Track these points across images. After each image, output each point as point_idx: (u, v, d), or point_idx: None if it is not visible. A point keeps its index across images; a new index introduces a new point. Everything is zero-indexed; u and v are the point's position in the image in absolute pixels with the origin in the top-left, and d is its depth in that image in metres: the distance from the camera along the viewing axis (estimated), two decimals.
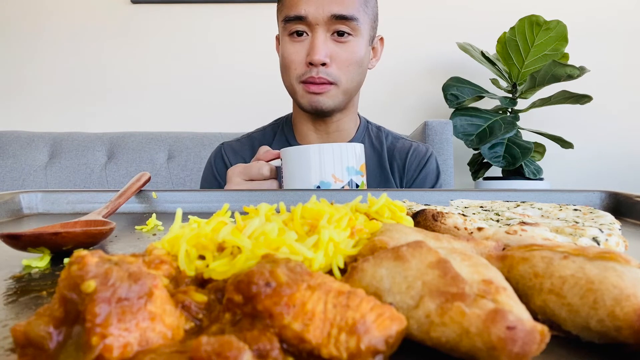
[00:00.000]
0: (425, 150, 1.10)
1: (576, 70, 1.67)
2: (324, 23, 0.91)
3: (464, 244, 0.30)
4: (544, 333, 0.18)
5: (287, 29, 0.94)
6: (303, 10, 0.90)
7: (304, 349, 0.19)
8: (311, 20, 0.90)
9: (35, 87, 2.10)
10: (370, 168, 1.06)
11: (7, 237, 0.36)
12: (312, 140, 1.08)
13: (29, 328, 0.19)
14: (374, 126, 1.15)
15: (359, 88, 1.03)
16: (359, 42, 0.95)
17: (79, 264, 0.20)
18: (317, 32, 0.91)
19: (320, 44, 0.91)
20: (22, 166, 1.62)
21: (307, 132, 1.07)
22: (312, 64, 0.92)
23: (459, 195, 0.70)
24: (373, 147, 1.09)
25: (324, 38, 0.92)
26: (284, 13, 0.94)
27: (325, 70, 0.93)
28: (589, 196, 0.67)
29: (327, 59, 0.92)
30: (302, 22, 0.91)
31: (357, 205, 0.38)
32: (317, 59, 0.90)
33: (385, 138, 1.12)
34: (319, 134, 1.07)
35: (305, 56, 0.93)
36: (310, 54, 0.91)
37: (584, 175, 2.10)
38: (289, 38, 0.95)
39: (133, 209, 0.67)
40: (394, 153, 1.09)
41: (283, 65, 0.98)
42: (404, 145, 1.10)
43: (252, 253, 0.26)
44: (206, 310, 0.22)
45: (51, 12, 2.09)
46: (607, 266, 0.23)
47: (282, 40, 0.97)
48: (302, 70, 0.94)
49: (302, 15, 0.90)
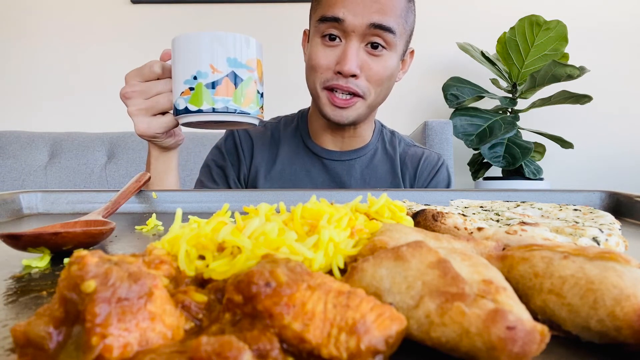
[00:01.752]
0: (437, 159, 1.08)
1: (576, 70, 1.67)
2: (361, 31, 0.86)
3: (464, 244, 0.30)
4: (544, 333, 0.18)
5: (320, 30, 0.89)
6: (342, 13, 0.85)
7: (304, 349, 0.19)
8: (348, 26, 0.85)
9: (35, 87, 2.10)
10: (383, 174, 1.04)
11: (7, 237, 0.36)
12: (326, 140, 1.04)
13: (29, 328, 0.19)
14: (388, 131, 1.12)
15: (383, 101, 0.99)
16: (392, 56, 0.90)
17: (79, 264, 0.20)
18: (351, 41, 0.86)
19: (353, 53, 0.86)
20: (22, 166, 1.62)
21: (322, 133, 1.04)
22: (341, 74, 0.87)
23: (459, 195, 0.70)
24: (386, 152, 1.07)
25: (357, 48, 0.87)
26: (320, 12, 0.89)
27: (355, 82, 0.88)
28: (589, 196, 0.67)
29: (358, 71, 0.87)
30: (338, 25, 0.86)
31: (357, 205, 0.38)
32: (348, 69, 0.85)
33: (398, 144, 1.09)
34: (334, 137, 1.03)
35: (335, 63, 0.88)
36: (340, 63, 0.86)
37: (584, 175, 2.10)
38: (321, 40, 0.89)
39: (133, 209, 0.67)
40: (406, 160, 1.07)
41: (309, 67, 0.93)
42: (415, 153, 1.08)
43: (252, 253, 0.26)
44: (206, 310, 0.22)
45: (51, 12, 2.09)
46: (607, 266, 0.23)
47: (313, 41, 0.92)
48: (329, 77, 0.89)
49: (339, 17, 0.85)
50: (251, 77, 0.73)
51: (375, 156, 1.06)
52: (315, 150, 1.05)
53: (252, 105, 0.73)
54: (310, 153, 1.05)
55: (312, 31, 0.93)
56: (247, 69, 0.73)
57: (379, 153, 1.07)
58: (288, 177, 1.02)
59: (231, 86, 0.71)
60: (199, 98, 0.71)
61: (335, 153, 1.04)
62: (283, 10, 2.08)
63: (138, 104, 0.75)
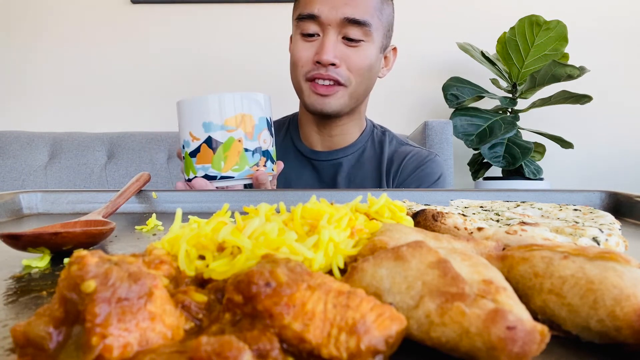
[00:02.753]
0: (426, 155, 1.07)
1: (576, 70, 1.67)
2: (336, 25, 0.90)
3: (464, 244, 0.30)
4: (544, 333, 0.18)
5: (300, 28, 0.94)
6: (317, 10, 0.90)
7: (304, 349, 0.19)
8: (323, 21, 0.90)
9: (35, 87, 2.10)
10: (368, 172, 1.05)
11: (7, 237, 0.36)
12: (314, 141, 1.07)
13: (29, 328, 0.19)
14: (379, 130, 1.12)
15: (366, 94, 1.01)
16: (370, 47, 0.94)
17: (79, 264, 0.20)
18: (328, 33, 0.91)
19: (330, 44, 0.90)
20: (22, 166, 1.62)
21: (311, 133, 1.06)
22: (320, 63, 0.91)
23: (459, 195, 0.70)
24: (374, 151, 1.08)
25: (334, 40, 0.91)
26: (298, 11, 0.95)
27: (335, 70, 0.91)
28: (589, 196, 0.67)
29: (337, 60, 0.91)
30: (315, 21, 0.91)
31: (357, 205, 0.38)
32: (326, 58, 0.89)
33: (390, 142, 1.09)
34: (321, 136, 1.05)
35: (314, 55, 0.92)
36: (319, 53, 0.91)
37: (584, 175, 2.10)
38: (301, 37, 0.94)
39: (133, 209, 0.67)
40: (393, 158, 1.07)
41: (292, 63, 0.97)
42: (404, 151, 1.08)
43: (252, 253, 0.26)
44: (206, 310, 0.22)
45: (51, 12, 2.09)
46: (607, 266, 0.23)
47: (294, 39, 0.97)
48: (310, 68, 0.93)
49: (314, 14, 0.90)
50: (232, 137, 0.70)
51: (363, 155, 1.07)
52: (304, 152, 1.07)
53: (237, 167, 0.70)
54: (300, 155, 1.08)
55: (294, 31, 0.99)
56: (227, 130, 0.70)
57: (367, 152, 1.07)
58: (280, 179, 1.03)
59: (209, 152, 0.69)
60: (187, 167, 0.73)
61: (323, 153, 1.06)
62: (283, 10, 2.07)
63: None
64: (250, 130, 0.71)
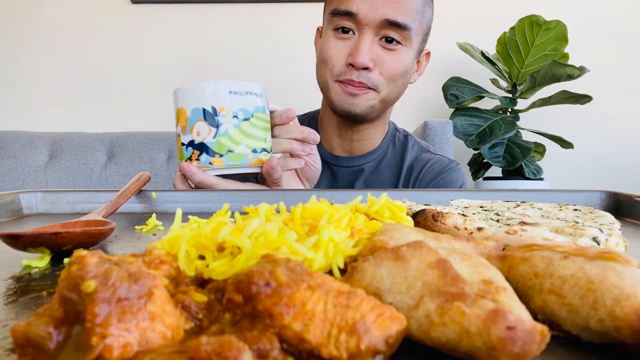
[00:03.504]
0: (448, 163, 1.02)
1: (576, 70, 1.67)
2: (374, 25, 0.83)
3: (464, 244, 0.30)
4: (544, 333, 0.18)
5: (333, 23, 0.86)
6: (355, 7, 0.82)
7: (304, 349, 0.19)
8: (361, 20, 0.83)
9: (36, 87, 2.10)
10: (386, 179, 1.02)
11: (7, 237, 0.36)
12: (335, 145, 1.01)
13: (29, 328, 0.19)
14: (401, 134, 1.07)
15: (396, 101, 0.95)
16: (408, 52, 0.87)
17: (79, 264, 0.20)
18: (365, 34, 0.83)
19: (366, 46, 0.83)
20: (22, 166, 1.62)
21: (332, 136, 1.01)
22: (353, 66, 0.84)
23: (459, 195, 0.70)
24: (395, 157, 1.03)
25: (371, 41, 0.84)
26: (333, 5, 0.87)
27: (367, 75, 0.85)
28: (589, 196, 0.67)
29: (371, 64, 0.84)
30: (351, 19, 0.84)
31: (357, 205, 0.38)
32: (360, 61, 0.82)
33: (412, 148, 1.04)
34: (342, 140, 1.00)
35: (347, 55, 0.85)
36: (353, 55, 0.84)
37: (584, 175, 2.10)
38: (333, 32, 0.87)
39: (133, 209, 0.67)
40: (414, 165, 1.01)
41: (320, 60, 0.90)
42: (425, 158, 1.02)
43: (252, 253, 0.26)
44: (206, 310, 0.22)
45: (51, 12, 2.09)
46: (607, 266, 0.23)
47: (325, 34, 0.89)
48: (341, 70, 0.86)
49: (352, 11, 0.83)
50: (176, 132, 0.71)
51: (382, 161, 1.02)
52: (324, 156, 1.01)
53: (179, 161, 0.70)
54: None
55: (325, 24, 0.90)
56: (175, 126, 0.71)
57: (387, 158, 1.03)
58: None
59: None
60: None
61: (344, 159, 1.01)
62: (283, 10, 2.08)
63: None
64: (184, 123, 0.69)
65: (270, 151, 0.72)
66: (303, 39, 2.07)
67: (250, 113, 0.68)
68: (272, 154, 0.73)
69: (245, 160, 0.67)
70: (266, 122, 0.71)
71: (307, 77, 2.11)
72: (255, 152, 0.68)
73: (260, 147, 0.69)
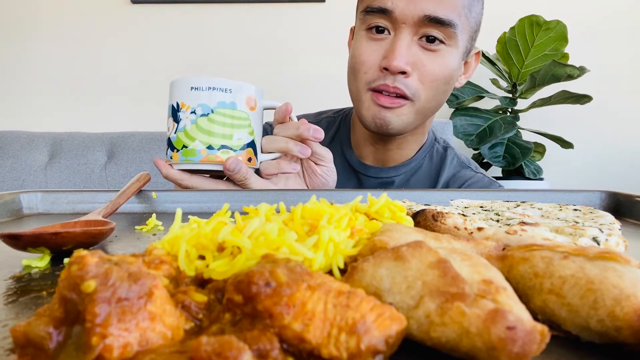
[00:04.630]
0: (489, 183, 0.92)
1: (576, 70, 1.67)
2: (412, 23, 0.72)
3: (464, 244, 0.30)
4: (544, 333, 0.18)
5: (366, 22, 0.76)
6: (390, 3, 0.72)
7: (304, 349, 0.19)
8: (397, 17, 0.72)
9: (35, 87, 2.10)
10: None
11: (7, 237, 0.36)
12: (365, 152, 0.92)
13: (29, 328, 0.19)
14: (440, 145, 0.97)
15: (438, 109, 0.84)
16: (453, 53, 0.76)
17: (79, 264, 0.20)
18: (401, 33, 0.73)
19: (403, 47, 0.73)
20: (22, 166, 1.62)
21: (364, 144, 0.91)
22: (388, 70, 0.74)
23: (459, 195, 0.70)
24: (430, 170, 0.94)
25: (409, 41, 0.73)
26: (366, 2, 0.77)
27: (404, 81, 0.74)
28: (589, 196, 0.67)
29: (409, 67, 0.73)
30: (386, 16, 0.74)
31: (357, 205, 0.38)
32: (396, 64, 0.72)
33: (450, 162, 0.95)
34: (375, 148, 0.90)
35: (381, 59, 0.75)
36: (388, 57, 0.73)
37: (584, 175, 2.10)
38: (366, 33, 0.77)
39: (133, 209, 0.67)
40: (450, 183, 0.92)
41: (351, 67, 0.80)
42: (464, 176, 0.93)
43: (252, 253, 0.26)
44: (206, 310, 0.22)
45: (51, 12, 2.09)
46: (607, 266, 0.23)
47: (357, 35, 0.79)
48: (374, 76, 0.76)
49: (387, 8, 0.72)
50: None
51: (415, 174, 0.93)
52: (352, 163, 0.93)
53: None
54: (346, 165, 0.93)
55: (357, 24, 0.81)
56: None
57: (422, 170, 0.93)
58: None
59: None
60: None
61: (373, 169, 0.92)
62: (283, 10, 2.08)
63: None
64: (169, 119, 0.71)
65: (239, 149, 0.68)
66: (303, 39, 2.07)
67: (210, 109, 0.65)
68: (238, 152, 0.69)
69: (198, 156, 0.65)
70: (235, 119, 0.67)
71: (307, 77, 2.11)
72: (211, 149, 0.65)
73: (218, 144, 0.65)
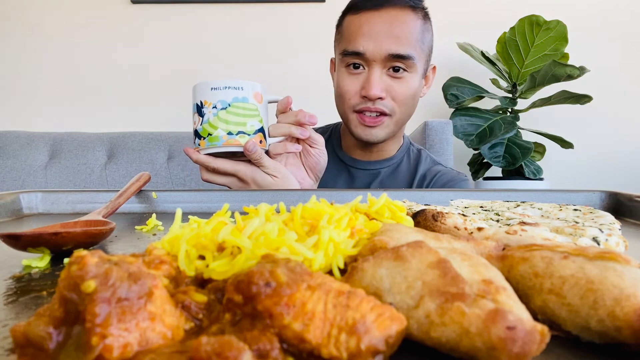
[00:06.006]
0: (456, 174, 1.11)
1: (576, 70, 1.67)
2: (380, 60, 0.94)
3: (464, 244, 0.30)
4: (544, 333, 0.18)
5: (344, 61, 0.98)
6: (362, 47, 0.94)
7: (304, 349, 0.19)
8: (369, 57, 0.94)
9: (35, 87, 2.10)
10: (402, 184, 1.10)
11: (7, 237, 0.36)
12: (356, 153, 1.12)
13: (29, 328, 0.19)
14: (415, 148, 1.18)
15: (410, 117, 1.06)
16: (414, 77, 0.98)
17: (79, 264, 0.20)
18: (373, 69, 0.95)
19: (376, 79, 0.94)
20: (22, 166, 1.62)
21: (354, 147, 1.12)
22: (368, 98, 0.95)
23: (459, 195, 0.70)
24: (409, 166, 1.14)
25: (379, 74, 0.95)
26: (343, 46, 0.98)
27: (381, 102, 0.96)
28: (589, 196, 0.67)
29: (383, 93, 0.95)
30: (360, 57, 0.95)
31: (357, 205, 0.38)
32: (373, 93, 0.94)
33: (424, 160, 1.15)
34: (362, 150, 1.11)
35: (360, 89, 0.97)
36: (366, 88, 0.95)
37: (584, 175, 2.10)
38: (346, 69, 0.99)
39: (133, 209, 0.67)
40: (426, 174, 1.11)
41: (338, 95, 1.02)
42: (436, 169, 1.12)
43: (252, 253, 0.26)
44: (206, 310, 0.22)
45: (51, 12, 2.09)
46: (607, 266, 0.23)
47: (339, 71, 1.02)
48: (357, 101, 0.98)
49: (360, 51, 0.94)
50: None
51: (397, 168, 1.13)
52: (343, 158, 1.13)
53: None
54: (338, 161, 1.13)
55: (338, 62, 1.03)
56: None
57: (403, 165, 1.13)
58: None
59: None
60: None
61: (361, 162, 1.12)
62: (283, 10, 2.08)
63: None
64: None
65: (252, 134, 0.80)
66: (303, 39, 2.07)
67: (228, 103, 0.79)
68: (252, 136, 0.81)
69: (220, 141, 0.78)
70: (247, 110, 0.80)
71: (307, 77, 2.11)
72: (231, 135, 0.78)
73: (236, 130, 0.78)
